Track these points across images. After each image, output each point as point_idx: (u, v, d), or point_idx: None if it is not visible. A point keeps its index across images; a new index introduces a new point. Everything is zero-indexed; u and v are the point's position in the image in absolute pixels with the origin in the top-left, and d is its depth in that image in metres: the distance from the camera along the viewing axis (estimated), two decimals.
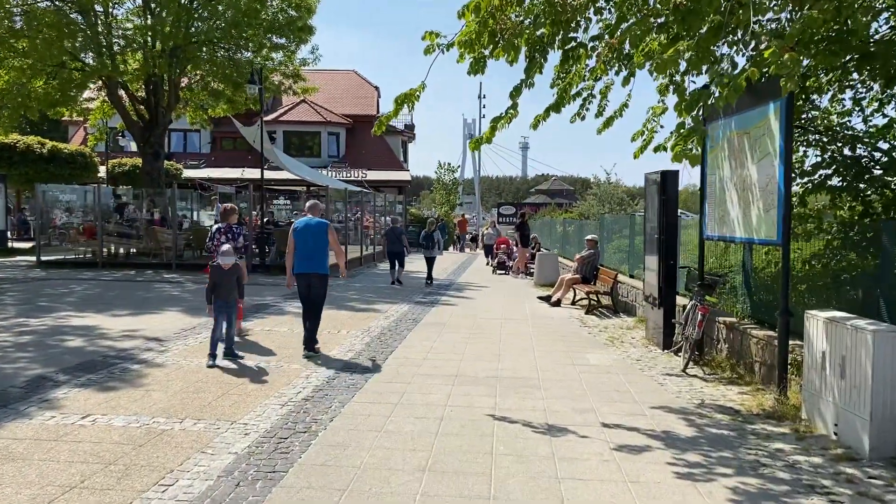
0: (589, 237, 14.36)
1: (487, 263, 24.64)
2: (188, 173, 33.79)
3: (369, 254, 25.00)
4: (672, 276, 9.49)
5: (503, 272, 22.10)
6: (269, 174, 35.00)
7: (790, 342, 6.75)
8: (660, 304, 9.49)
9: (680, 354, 8.83)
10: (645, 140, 9.88)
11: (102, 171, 31.35)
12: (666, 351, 9.31)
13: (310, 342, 8.65)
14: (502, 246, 22.61)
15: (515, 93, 6.76)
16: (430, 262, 18.32)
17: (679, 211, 10.71)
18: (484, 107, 67.16)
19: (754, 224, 7.30)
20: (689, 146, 10.54)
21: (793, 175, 7.70)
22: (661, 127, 9.80)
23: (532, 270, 20.06)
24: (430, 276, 18.10)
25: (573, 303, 14.39)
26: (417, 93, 6.80)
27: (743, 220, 7.58)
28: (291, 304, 12.67)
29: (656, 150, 9.84)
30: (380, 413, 6.24)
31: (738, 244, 8.59)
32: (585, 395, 7.07)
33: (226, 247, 8.14)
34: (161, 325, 10.52)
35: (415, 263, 20.72)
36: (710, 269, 9.36)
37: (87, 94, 24.89)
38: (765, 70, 5.37)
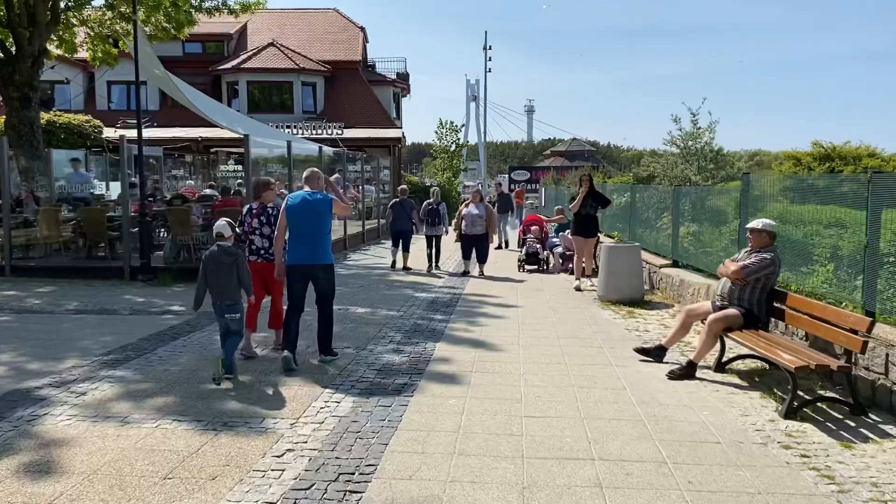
0: (759, 225, 6.46)
1: (465, 272, 13.57)
2: (109, 133, 25.86)
3: (338, 240, 17.27)
4: None
5: (534, 268, 14.37)
6: (215, 132, 27.30)
7: None
8: None
9: None
10: None
11: None
12: None
13: (327, 344, 6.77)
14: (533, 228, 14.82)
15: None
16: (434, 242, 14.25)
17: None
18: (490, 59, 58.82)
19: None
20: None
21: None
22: None
23: (594, 267, 12.30)
24: (436, 262, 14.37)
25: (719, 366, 6.65)
26: None
27: None
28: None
29: None
30: None
31: None
32: None
33: None
34: None
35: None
36: None
37: None
38: None
